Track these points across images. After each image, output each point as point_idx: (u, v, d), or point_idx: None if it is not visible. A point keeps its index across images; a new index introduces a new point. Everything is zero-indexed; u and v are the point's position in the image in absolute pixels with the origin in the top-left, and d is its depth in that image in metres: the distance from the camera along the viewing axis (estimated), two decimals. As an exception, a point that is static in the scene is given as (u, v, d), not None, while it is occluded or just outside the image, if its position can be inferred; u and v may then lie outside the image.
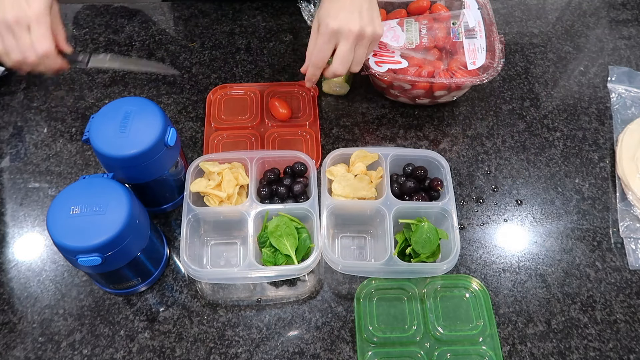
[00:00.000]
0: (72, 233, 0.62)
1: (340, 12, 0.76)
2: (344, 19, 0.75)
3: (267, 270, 0.72)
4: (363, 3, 0.76)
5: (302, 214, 0.76)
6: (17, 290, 0.77)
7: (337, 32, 0.76)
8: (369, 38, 0.77)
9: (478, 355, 0.71)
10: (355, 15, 0.75)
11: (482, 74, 0.85)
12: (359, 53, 0.78)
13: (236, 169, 0.80)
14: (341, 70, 0.78)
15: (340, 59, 0.78)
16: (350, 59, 0.78)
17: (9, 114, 0.93)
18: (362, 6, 0.76)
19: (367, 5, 0.77)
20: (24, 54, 0.74)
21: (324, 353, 0.73)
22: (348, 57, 0.77)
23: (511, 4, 1.11)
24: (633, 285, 0.79)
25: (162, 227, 0.82)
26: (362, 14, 0.76)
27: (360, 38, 0.76)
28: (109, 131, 0.69)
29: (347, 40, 0.76)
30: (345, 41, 0.76)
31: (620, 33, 1.07)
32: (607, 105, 0.97)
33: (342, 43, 0.76)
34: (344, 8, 0.76)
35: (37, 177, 0.87)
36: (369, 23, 0.76)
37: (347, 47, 0.76)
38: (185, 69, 0.99)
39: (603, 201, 0.87)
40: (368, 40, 0.77)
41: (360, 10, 0.76)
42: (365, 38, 0.77)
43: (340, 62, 0.78)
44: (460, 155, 0.91)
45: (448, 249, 0.75)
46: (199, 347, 0.73)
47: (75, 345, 0.73)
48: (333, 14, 0.76)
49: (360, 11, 0.76)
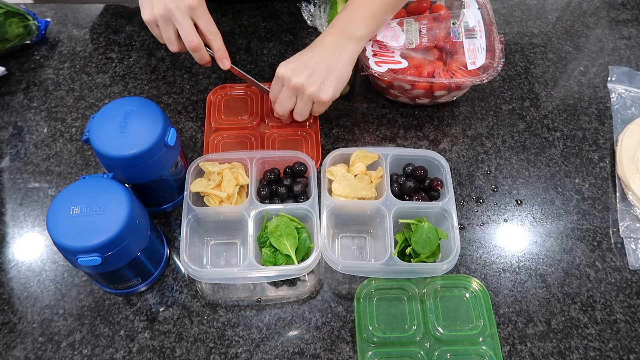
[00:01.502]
0: (72, 233, 0.62)
1: (294, 63, 0.80)
2: (292, 69, 0.80)
3: (267, 270, 0.72)
4: (321, 65, 0.79)
5: (302, 214, 0.77)
6: (17, 290, 0.77)
7: (281, 78, 0.81)
8: (308, 97, 0.80)
9: (478, 355, 0.71)
10: (304, 72, 0.79)
11: (482, 74, 0.85)
12: (299, 105, 0.82)
13: (236, 169, 0.80)
14: (279, 112, 0.84)
15: (279, 102, 0.83)
16: (287, 106, 0.82)
17: (9, 114, 0.93)
18: (318, 68, 0.79)
19: (325, 68, 0.79)
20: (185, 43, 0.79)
21: (324, 353, 0.73)
22: (285, 103, 0.82)
23: (511, 4, 1.11)
24: (633, 285, 0.79)
25: (162, 227, 0.82)
26: (313, 74, 0.79)
27: (300, 93, 0.80)
28: (109, 131, 0.69)
29: (287, 89, 0.81)
30: (285, 89, 0.81)
31: (620, 33, 1.07)
32: (607, 105, 0.97)
33: (283, 89, 0.81)
34: (299, 61, 0.80)
35: (37, 177, 0.87)
36: (315, 84, 0.79)
37: (286, 95, 0.81)
38: (185, 69, 0.99)
39: (603, 201, 0.87)
40: (308, 98, 0.81)
41: (314, 71, 0.79)
42: (304, 95, 0.80)
43: (279, 104, 0.83)
44: (460, 155, 0.91)
45: (448, 249, 0.75)
46: (199, 347, 0.73)
47: (75, 345, 0.73)
48: (289, 61, 0.81)
49: (313, 71, 0.79)
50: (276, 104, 0.83)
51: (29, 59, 1.00)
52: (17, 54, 0.99)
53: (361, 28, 0.82)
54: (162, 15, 0.76)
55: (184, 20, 0.76)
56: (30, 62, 0.99)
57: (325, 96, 0.80)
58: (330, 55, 0.80)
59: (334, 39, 0.81)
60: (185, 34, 0.77)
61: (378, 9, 0.82)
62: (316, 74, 0.79)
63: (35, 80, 0.97)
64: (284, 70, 0.80)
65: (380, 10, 0.83)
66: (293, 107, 0.83)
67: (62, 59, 1.00)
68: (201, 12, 0.78)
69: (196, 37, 0.78)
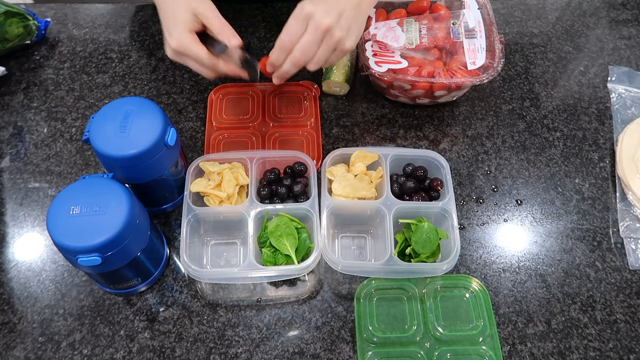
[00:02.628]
0: (72, 233, 0.62)
1: (322, 3, 0.71)
2: (322, 8, 0.71)
3: (267, 270, 0.72)
4: (349, 9, 0.72)
5: (302, 214, 0.77)
6: (17, 290, 0.77)
7: (308, 16, 0.71)
8: (335, 42, 0.73)
9: (478, 355, 0.71)
10: (334, 11, 0.71)
11: (482, 74, 0.85)
12: (322, 51, 0.73)
13: (236, 169, 0.80)
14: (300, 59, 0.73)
15: (302, 48, 0.72)
16: (311, 53, 0.73)
17: (9, 114, 0.93)
18: (345, 10, 0.72)
19: (352, 12, 0.72)
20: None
21: (324, 353, 0.73)
22: (309, 48, 0.72)
23: (511, 4, 1.11)
24: (633, 285, 0.79)
25: (162, 227, 0.82)
26: (342, 16, 0.72)
27: (328, 36, 0.72)
28: (109, 131, 0.69)
29: (315, 31, 0.71)
30: (313, 31, 0.71)
31: (620, 33, 1.07)
32: (607, 105, 0.97)
33: (308, 32, 0.72)
34: (326, 2, 0.71)
35: (37, 177, 0.87)
36: (344, 29, 0.72)
37: (310, 38, 0.71)
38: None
39: (603, 201, 0.87)
40: (333, 44, 0.73)
41: (341, 13, 0.72)
42: (332, 39, 0.72)
43: (301, 51, 0.72)
44: (460, 155, 0.91)
45: (448, 249, 0.75)
46: (199, 347, 0.73)
47: (75, 345, 0.73)
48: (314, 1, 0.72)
49: (340, 13, 0.72)
50: (298, 49, 0.72)
51: (29, 59, 1.00)
52: (17, 54, 0.99)
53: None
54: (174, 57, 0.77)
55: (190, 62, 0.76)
56: (30, 62, 0.99)
57: (349, 44, 0.73)
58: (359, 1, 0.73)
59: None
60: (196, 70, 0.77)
61: None
62: (344, 17, 0.71)
63: (35, 80, 0.97)
64: (313, 7, 0.70)
65: None
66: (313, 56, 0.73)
67: (62, 59, 1.00)
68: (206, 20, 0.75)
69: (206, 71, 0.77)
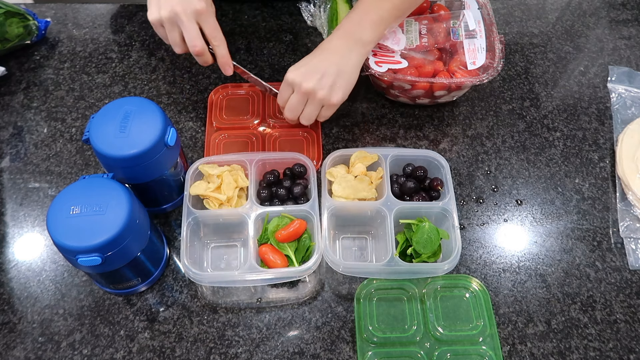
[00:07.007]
0: (72, 233, 0.62)
1: (304, 67, 0.80)
2: (302, 74, 0.79)
3: (268, 272, 0.72)
4: (330, 68, 0.79)
5: (303, 215, 0.76)
6: (17, 290, 0.77)
7: (291, 83, 0.80)
8: (319, 100, 0.80)
9: (478, 355, 0.71)
10: (314, 76, 0.79)
11: (482, 74, 0.85)
12: (308, 109, 0.82)
13: (235, 171, 0.80)
14: (289, 117, 0.84)
15: (288, 108, 0.83)
16: (297, 111, 0.82)
17: (9, 114, 0.93)
18: (328, 71, 0.79)
19: (334, 71, 0.79)
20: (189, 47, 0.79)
21: (324, 353, 0.73)
22: (295, 108, 0.82)
23: (511, 4, 1.11)
24: (633, 285, 0.79)
25: (162, 227, 0.82)
26: (323, 77, 0.79)
27: (311, 97, 0.80)
28: (109, 131, 0.69)
29: (298, 94, 0.80)
30: (296, 94, 0.81)
31: (620, 33, 1.07)
32: (607, 105, 0.97)
33: (293, 94, 0.81)
34: (309, 65, 0.80)
35: (37, 177, 0.87)
36: (325, 88, 0.79)
37: (296, 99, 0.81)
38: (185, 69, 0.99)
39: (603, 201, 0.87)
40: (319, 102, 0.80)
41: (324, 74, 0.79)
42: (315, 99, 0.80)
43: (289, 110, 0.83)
44: (460, 155, 0.91)
45: (449, 249, 0.75)
46: (199, 347, 0.73)
47: (75, 345, 0.73)
48: (298, 66, 0.81)
49: (323, 74, 0.79)
50: (286, 109, 0.83)
51: (29, 59, 1.00)
52: (17, 54, 0.99)
53: (369, 32, 0.81)
54: (168, 18, 0.76)
55: (189, 24, 0.76)
56: (30, 62, 0.99)
57: (335, 99, 0.80)
58: (340, 58, 0.80)
59: (342, 42, 0.81)
60: (189, 38, 0.77)
61: (387, 14, 0.82)
62: (326, 77, 0.79)
63: (35, 80, 0.97)
64: (293, 75, 0.80)
65: (388, 15, 0.82)
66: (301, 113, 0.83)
67: (62, 59, 1.00)
68: (207, 17, 0.78)
69: (200, 42, 0.78)
